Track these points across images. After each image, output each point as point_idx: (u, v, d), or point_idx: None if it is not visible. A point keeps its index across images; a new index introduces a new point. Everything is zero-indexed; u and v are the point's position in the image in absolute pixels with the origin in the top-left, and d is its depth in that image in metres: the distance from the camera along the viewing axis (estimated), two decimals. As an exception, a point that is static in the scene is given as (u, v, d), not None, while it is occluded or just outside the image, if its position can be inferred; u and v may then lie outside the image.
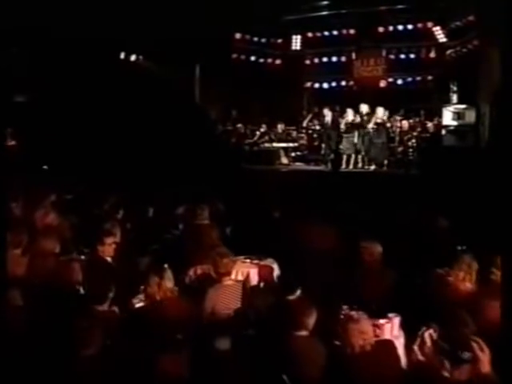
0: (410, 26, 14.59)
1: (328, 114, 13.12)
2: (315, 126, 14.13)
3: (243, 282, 4.77)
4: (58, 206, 7.15)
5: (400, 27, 14.66)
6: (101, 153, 11.23)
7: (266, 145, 14.05)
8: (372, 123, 12.28)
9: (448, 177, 9.78)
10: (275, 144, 14.00)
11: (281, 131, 14.24)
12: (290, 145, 14.17)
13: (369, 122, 12.36)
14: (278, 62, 16.08)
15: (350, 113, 12.74)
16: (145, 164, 10.84)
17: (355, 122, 12.59)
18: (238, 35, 15.17)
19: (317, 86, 15.94)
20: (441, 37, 14.16)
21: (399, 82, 14.97)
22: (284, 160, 13.94)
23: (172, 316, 3.80)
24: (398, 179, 11.05)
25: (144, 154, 11.27)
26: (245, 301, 4.35)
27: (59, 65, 11.65)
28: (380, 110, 12.40)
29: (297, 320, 3.38)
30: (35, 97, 12.04)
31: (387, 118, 12.57)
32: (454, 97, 12.20)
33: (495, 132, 10.55)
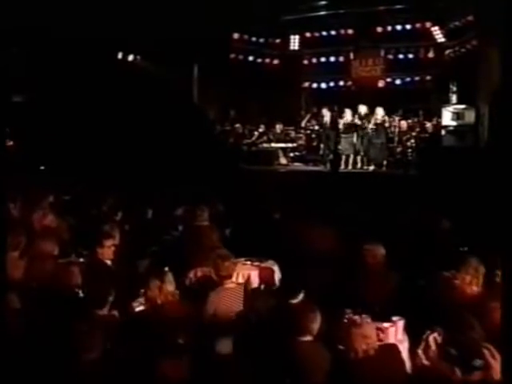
0: (408, 26, 14.56)
1: (327, 114, 13.08)
2: (314, 127, 14.08)
3: (245, 285, 4.72)
4: (56, 208, 7.09)
5: (398, 27, 14.63)
6: (99, 153, 11.17)
7: (264, 145, 14.00)
8: (371, 123, 12.24)
9: (447, 177, 9.76)
10: (273, 144, 13.95)
11: (279, 131, 14.19)
12: (289, 145, 14.12)
13: (368, 122, 12.33)
14: (276, 62, 16.04)
15: (348, 113, 12.71)
16: (143, 164, 10.79)
17: (354, 122, 12.55)
18: (236, 35, 15.12)
19: (315, 86, 15.89)
20: (439, 37, 14.15)
21: (397, 82, 14.94)
22: (282, 160, 13.87)
23: (173, 320, 3.74)
24: (397, 180, 11.02)
25: (142, 154, 11.22)
26: (247, 304, 4.29)
27: (56, 65, 11.59)
28: (379, 110, 12.36)
29: (301, 325, 3.32)
30: (33, 97, 11.97)
31: (386, 118, 12.53)
32: (453, 97, 12.17)
33: (494, 132, 10.54)
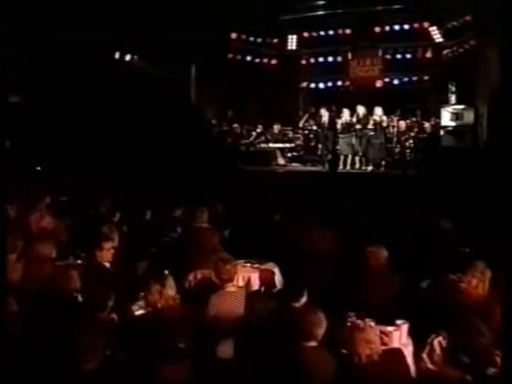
0: (406, 26, 14.55)
1: (325, 114, 13.03)
2: (312, 127, 14.04)
3: (246, 288, 4.66)
4: (53, 209, 7.01)
5: (396, 27, 14.62)
6: (96, 154, 11.09)
7: (262, 145, 13.95)
8: (370, 124, 12.21)
9: (446, 177, 9.74)
10: (271, 144, 13.90)
11: (277, 131, 14.14)
12: (287, 145, 14.08)
13: (366, 122, 12.29)
14: (273, 61, 15.98)
15: (346, 113, 12.67)
16: (141, 165, 10.72)
17: (352, 122, 12.52)
18: (233, 35, 15.08)
19: (313, 86, 15.85)
20: (437, 37, 14.14)
21: (395, 82, 14.92)
22: (281, 161, 13.82)
23: (174, 324, 3.69)
24: (395, 180, 11.00)
25: (140, 154, 11.15)
26: (248, 307, 4.23)
27: (53, 65, 11.51)
28: (378, 110, 12.33)
29: (306, 330, 3.26)
30: (30, 97, 11.88)
31: (385, 118, 12.50)
32: (452, 97, 12.14)
33: (493, 132, 10.52)
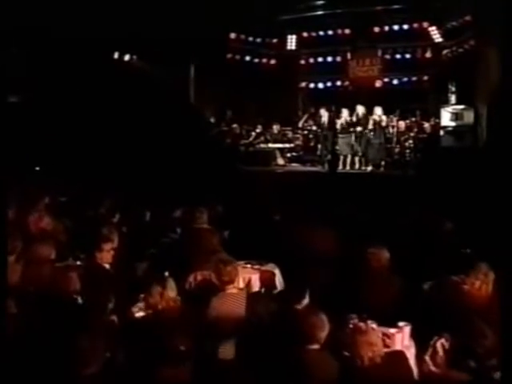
0: (405, 26, 14.55)
1: (324, 114, 13.02)
2: (311, 127, 14.02)
3: (247, 290, 4.62)
4: (52, 209, 6.97)
5: (396, 27, 14.62)
6: (95, 154, 11.06)
7: (261, 145, 13.93)
8: (370, 124, 12.19)
9: (446, 178, 9.72)
10: (271, 145, 13.89)
11: (276, 132, 14.13)
12: (286, 145, 14.06)
13: (366, 122, 12.27)
14: (273, 61, 15.96)
15: (346, 113, 12.65)
16: (140, 165, 10.68)
17: (352, 122, 12.50)
18: (232, 35, 15.06)
19: (312, 86, 15.83)
20: (437, 37, 14.14)
21: (395, 82, 14.92)
22: (280, 161, 13.80)
23: (175, 326, 3.65)
24: (395, 180, 10.98)
25: (139, 155, 11.12)
26: (249, 309, 4.20)
27: (52, 65, 11.47)
28: (378, 110, 12.31)
29: (309, 333, 3.23)
30: (29, 97, 11.84)
31: (384, 118, 12.48)
32: (452, 97, 12.13)
33: (493, 132, 10.50)
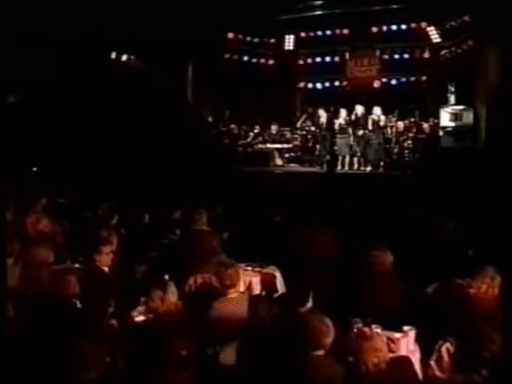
0: (404, 26, 14.55)
1: (323, 114, 12.97)
2: (309, 127, 13.97)
3: (249, 294, 4.56)
4: (51, 211, 6.91)
5: (394, 27, 14.61)
6: (94, 155, 11.00)
7: (259, 146, 13.87)
8: (369, 124, 12.15)
9: (445, 178, 9.70)
10: (269, 145, 13.82)
11: (274, 132, 14.06)
12: (285, 146, 14.00)
13: (364, 122, 12.24)
14: (271, 62, 15.93)
15: (344, 113, 12.61)
16: (138, 167, 10.63)
17: (350, 122, 12.46)
18: (230, 35, 15.01)
19: (310, 86, 15.81)
20: (435, 37, 14.13)
21: (393, 82, 14.92)
22: (278, 161, 13.75)
23: (176, 331, 3.60)
24: (394, 181, 10.95)
25: (137, 156, 11.06)
26: (251, 313, 4.15)
27: (51, 65, 11.40)
28: (376, 110, 12.28)
29: (315, 339, 3.17)
30: (26, 97, 11.76)
31: (383, 118, 12.44)
32: (451, 98, 12.11)
33: (492, 133, 10.49)
